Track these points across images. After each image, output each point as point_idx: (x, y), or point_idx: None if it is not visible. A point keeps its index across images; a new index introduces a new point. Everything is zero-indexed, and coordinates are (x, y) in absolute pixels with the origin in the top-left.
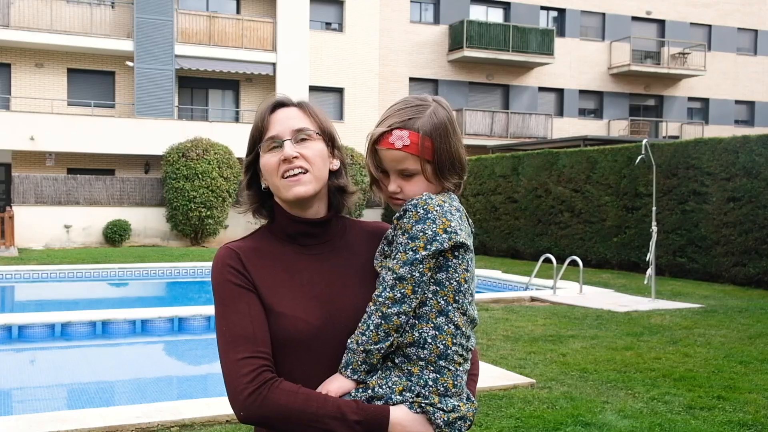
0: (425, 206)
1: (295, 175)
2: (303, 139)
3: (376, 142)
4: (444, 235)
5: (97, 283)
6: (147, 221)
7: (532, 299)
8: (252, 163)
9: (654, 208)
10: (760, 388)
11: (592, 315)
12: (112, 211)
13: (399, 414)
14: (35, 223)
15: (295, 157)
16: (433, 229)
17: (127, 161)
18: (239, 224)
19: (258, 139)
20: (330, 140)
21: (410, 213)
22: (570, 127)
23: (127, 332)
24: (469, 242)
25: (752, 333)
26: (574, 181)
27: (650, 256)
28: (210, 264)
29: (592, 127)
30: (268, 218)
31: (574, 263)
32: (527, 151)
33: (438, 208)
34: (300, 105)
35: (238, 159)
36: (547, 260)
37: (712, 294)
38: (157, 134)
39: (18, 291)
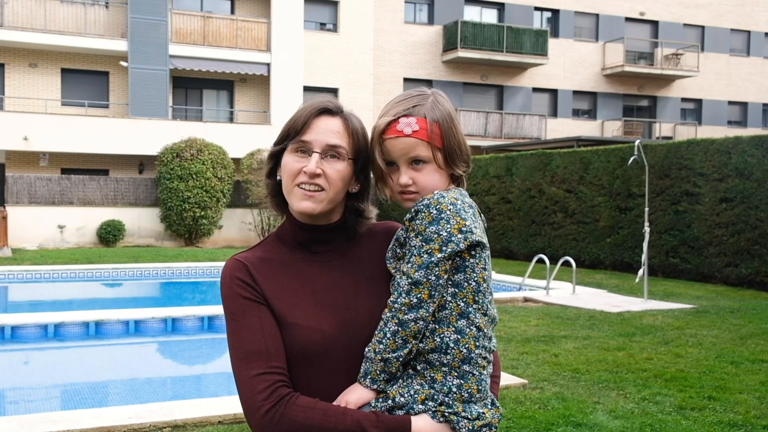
0: (438, 206)
1: (310, 189)
2: (333, 156)
3: (382, 133)
4: (459, 236)
5: (90, 284)
6: (141, 221)
7: (526, 300)
8: (277, 153)
9: (647, 209)
10: (751, 389)
11: (584, 315)
12: (106, 212)
13: (421, 424)
14: (29, 224)
15: (318, 175)
16: (448, 230)
17: (121, 161)
18: (233, 224)
19: (291, 134)
20: (360, 164)
21: (423, 214)
22: (564, 127)
23: (121, 333)
24: (485, 239)
25: (743, 333)
26: (567, 181)
27: (643, 256)
28: (205, 264)
29: (586, 128)
30: (284, 216)
31: (567, 264)
32: (521, 152)
33: (451, 206)
34: (345, 118)
35: (233, 159)
36: (541, 261)
37: (704, 294)
38: (151, 134)
39: (11, 291)
